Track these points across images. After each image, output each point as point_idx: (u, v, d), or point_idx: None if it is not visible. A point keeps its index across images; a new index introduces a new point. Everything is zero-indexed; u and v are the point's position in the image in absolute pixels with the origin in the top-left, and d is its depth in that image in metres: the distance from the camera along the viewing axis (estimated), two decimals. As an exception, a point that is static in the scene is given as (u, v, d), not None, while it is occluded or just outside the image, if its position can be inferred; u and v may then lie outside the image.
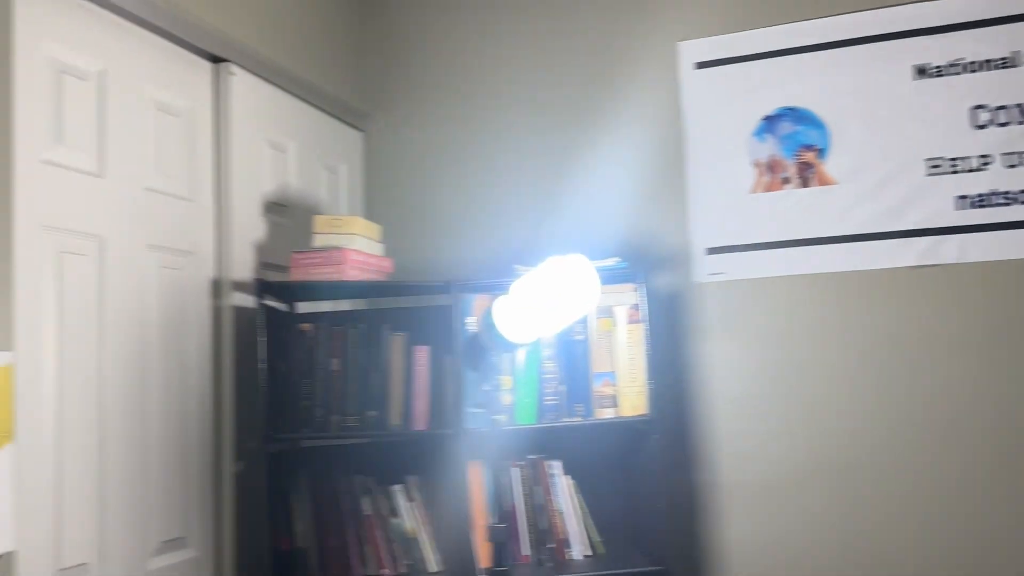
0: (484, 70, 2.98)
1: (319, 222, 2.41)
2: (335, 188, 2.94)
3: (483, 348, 1.83)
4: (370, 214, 3.04)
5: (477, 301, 2.31)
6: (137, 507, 2.03)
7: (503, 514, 2.33)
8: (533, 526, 2.36)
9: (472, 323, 2.25)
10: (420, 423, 2.33)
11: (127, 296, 2.04)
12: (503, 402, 1.87)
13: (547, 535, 2.37)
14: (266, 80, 2.55)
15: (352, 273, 2.35)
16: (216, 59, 2.38)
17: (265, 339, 2.30)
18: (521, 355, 2.22)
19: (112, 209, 2.01)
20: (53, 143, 1.87)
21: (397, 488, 2.36)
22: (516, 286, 1.73)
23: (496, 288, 2.28)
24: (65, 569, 1.82)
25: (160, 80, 2.18)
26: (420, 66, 3.06)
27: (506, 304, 1.72)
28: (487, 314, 1.75)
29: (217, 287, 2.35)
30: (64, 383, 1.85)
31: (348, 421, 2.36)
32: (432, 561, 2.34)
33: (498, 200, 2.91)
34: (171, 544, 2.14)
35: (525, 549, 2.34)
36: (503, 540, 2.02)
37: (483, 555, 2.24)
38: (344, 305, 2.81)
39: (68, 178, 1.90)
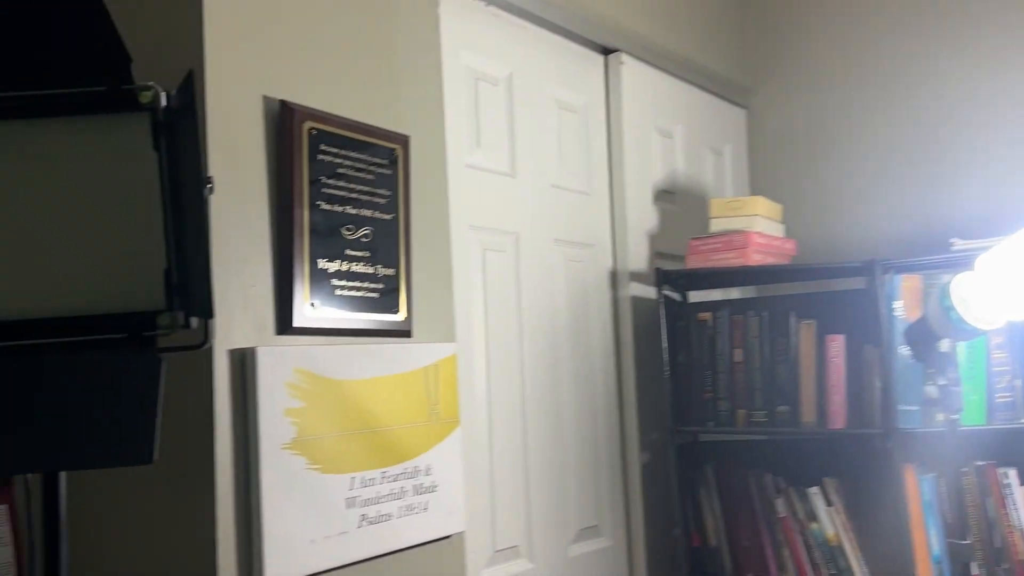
0: (877, 28, 2.65)
1: (716, 205, 2.30)
2: (720, 170, 2.81)
3: (931, 336, 1.58)
4: (757, 194, 2.86)
5: (905, 282, 2.04)
6: (556, 494, 2.08)
7: (948, 528, 2.03)
8: (985, 543, 2.03)
9: (903, 308, 1.99)
10: (837, 421, 2.12)
11: (539, 290, 2.11)
12: (956, 399, 1.61)
13: (1001, 555, 2.02)
14: (653, 65, 2.50)
15: (755, 257, 2.21)
16: (606, 50, 2.38)
17: (665, 330, 2.25)
18: (962, 345, 1.91)
19: (524, 207, 2.09)
20: (473, 147, 1.97)
21: (814, 490, 2.17)
22: (983, 261, 1.47)
23: (930, 267, 1.99)
24: (500, 551, 1.92)
25: (558, 78, 2.23)
26: (806, 31, 2.81)
27: (970, 282, 1.46)
28: (942, 295, 1.50)
29: (615, 278, 2.35)
30: (492, 373, 1.95)
31: (755, 416, 2.22)
32: (859, 573, 2.11)
33: (917, 166, 2.56)
34: (587, 532, 2.17)
35: (975, 569, 2.02)
36: (967, 560, 1.74)
37: (924, 571, 1.97)
38: (737, 292, 2.67)
39: (487, 180, 2.00)
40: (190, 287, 0.90)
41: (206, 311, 0.87)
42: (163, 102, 0.90)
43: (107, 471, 1.39)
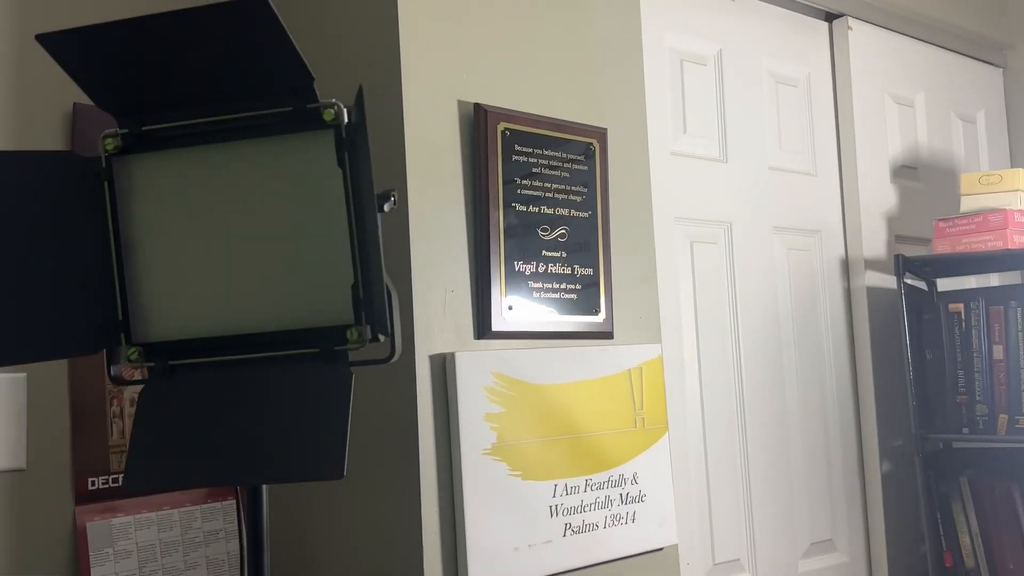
0: None
1: (967, 181, 2.02)
2: (973, 140, 2.47)
3: None
4: (1019, 166, 2.48)
5: None
6: (782, 504, 1.92)
7: None
8: None
9: None
10: None
11: (755, 282, 1.95)
12: None
13: None
14: (885, 28, 2.24)
15: (1017, 239, 1.91)
16: (830, 16, 2.16)
17: (907, 323, 2.01)
18: None
19: (736, 194, 1.94)
20: (678, 134, 1.86)
21: (1100, 510, 1.84)
22: None
23: None
24: (720, 564, 1.80)
25: (774, 51, 2.05)
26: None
27: None
28: None
29: (847, 267, 2.13)
30: (704, 375, 1.83)
31: (1020, 422, 1.93)
32: None
33: None
34: (820, 546, 1.99)
35: None
36: None
37: None
38: (995, 279, 2.34)
39: (694, 167, 1.88)
40: (374, 302, 0.89)
41: (382, 327, 0.86)
42: (345, 119, 0.90)
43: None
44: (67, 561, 1.37)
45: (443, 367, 1.34)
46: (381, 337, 0.91)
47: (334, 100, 0.91)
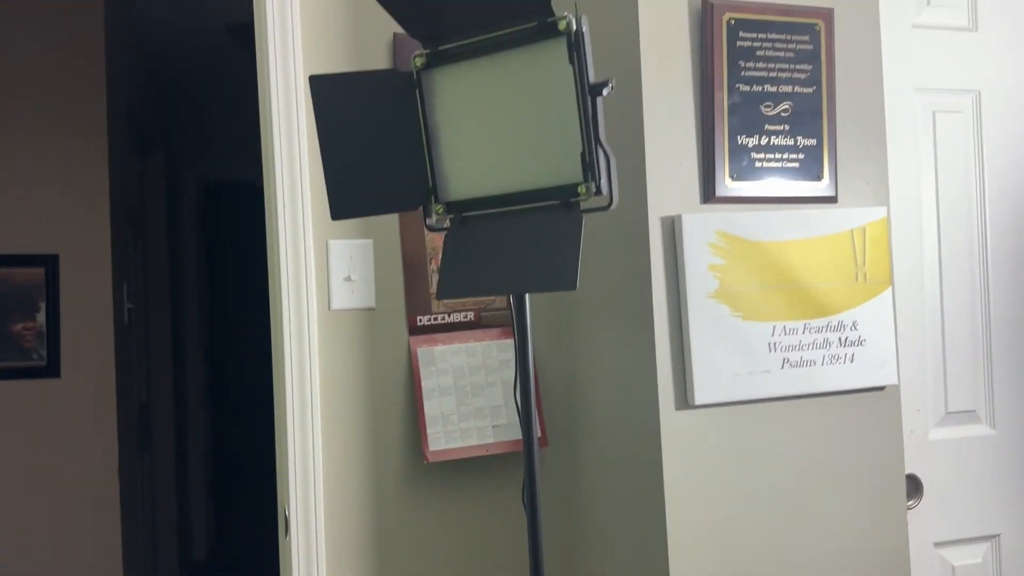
0: None
1: None
2: None
3: None
4: None
5: None
6: (1027, 365, 1.98)
7: None
8: None
9: None
10: None
11: (1006, 152, 1.96)
12: None
13: None
14: None
15: None
16: None
17: None
18: None
19: (988, 63, 1.95)
20: (922, 6, 1.91)
21: None
22: None
23: None
24: (953, 413, 1.93)
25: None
26: None
27: None
28: None
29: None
30: (944, 238, 1.92)
31: None
32: None
33: None
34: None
35: None
36: None
37: None
38: None
39: (939, 38, 1.92)
40: (598, 164, 1.22)
41: (596, 183, 1.19)
42: (574, 27, 1.22)
43: (587, 305, 1.84)
44: (405, 375, 1.89)
45: (672, 227, 1.63)
46: (604, 190, 1.24)
47: (566, 13, 1.22)
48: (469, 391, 1.89)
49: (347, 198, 1.38)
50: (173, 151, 5.21)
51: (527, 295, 1.33)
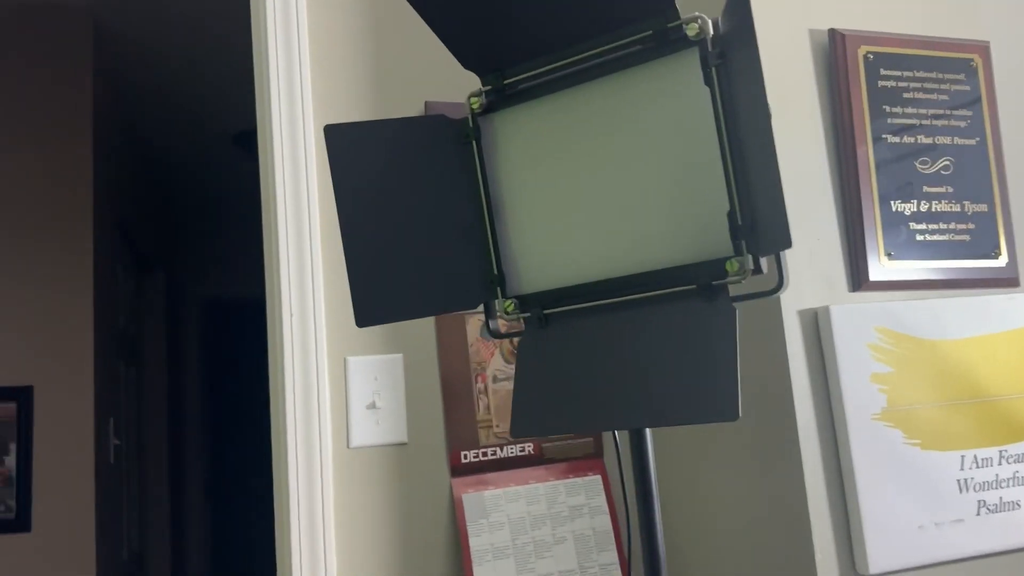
0: None
1: None
2: None
3: None
4: None
5: None
6: None
7: None
8: None
9: None
10: None
11: None
12: None
13: None
14: None
15: None
16: None
17: None
18: None
19: None
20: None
21: None
22: None
23: None
24: None
25: None
26: None
27: None
28: None
29: None
30: None
31: None
32: None
33: None
34: None
35: None
36: None
37: None
38: None
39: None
40: (758, 226, 0.80)
41: (782, 240, 0.76)
42: (710, 31, 0.83)
43: (692, 437, 1.39)
44: (448, 528, 1.43)
45: (815, 323, 1.20)
46: (763, 266, 0.82)
47: (697, 13, 0.84)
48: (532, 551, 1.43)
49: (377, 297, 0.95)
50: (175, 268, 4.86)
51: (647, 430, 0.89)
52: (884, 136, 1.25)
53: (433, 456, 1.44)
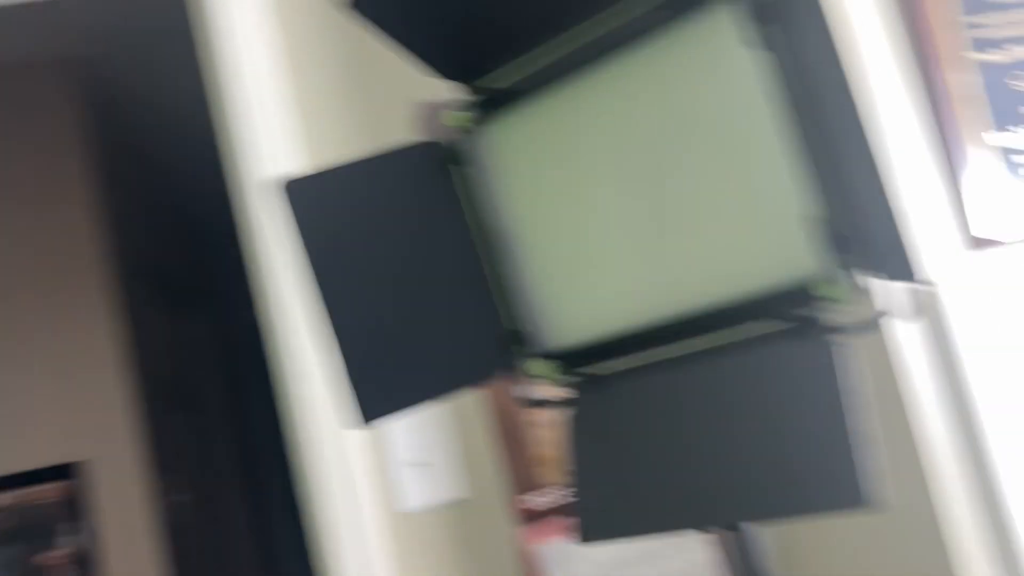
0: None
1: None
2: None
3: None
4: None
5: None
6: None
7: None
8: None
9: None
10: None
11: None
12: None
13: None
14: None
15: None
16: None
17: None
18: None
19: None
20: None
21: None
22: None
23: None
24: None
25: None
26: None
27: None
28: None
29: None
30: None
31: None
32: None
33: None
34: None
35: None
36: None
37: None
38: None
39: None
40: (852, 231, 0.58)
41: (901, 267, 0.54)
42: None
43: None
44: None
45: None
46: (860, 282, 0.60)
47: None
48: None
49: (381, 387, 0.74)
50: (219, 301, 4.74)
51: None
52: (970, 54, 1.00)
53: (494, 507, 1.27)
